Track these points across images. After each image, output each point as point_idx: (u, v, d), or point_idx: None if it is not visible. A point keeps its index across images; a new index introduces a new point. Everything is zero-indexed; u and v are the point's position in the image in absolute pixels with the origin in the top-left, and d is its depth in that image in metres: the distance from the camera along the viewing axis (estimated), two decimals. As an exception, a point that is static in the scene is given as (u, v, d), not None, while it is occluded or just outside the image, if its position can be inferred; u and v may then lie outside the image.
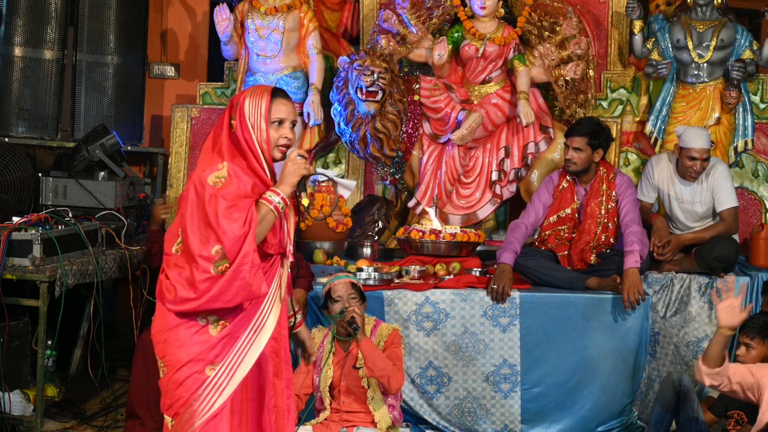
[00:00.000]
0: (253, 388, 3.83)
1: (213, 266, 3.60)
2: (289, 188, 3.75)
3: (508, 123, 7.03)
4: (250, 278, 3.61)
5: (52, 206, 6.29)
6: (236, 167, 3.70)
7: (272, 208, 3.70)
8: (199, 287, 3.62)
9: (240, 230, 3.60)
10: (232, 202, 3.63)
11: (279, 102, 3.81)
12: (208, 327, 3.71)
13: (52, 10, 7.13)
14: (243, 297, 3.65)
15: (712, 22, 6.93)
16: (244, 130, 3.74)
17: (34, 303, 5.63)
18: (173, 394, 3.72)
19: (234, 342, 3.71)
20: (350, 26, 7.89)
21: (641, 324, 5.94)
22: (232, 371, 3.70)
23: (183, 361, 3.69)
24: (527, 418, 5.93)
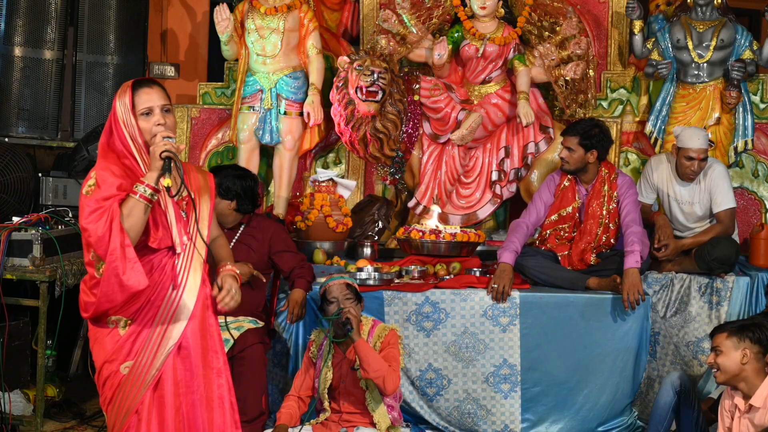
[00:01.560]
0: (183, 381, 3.86)
1: (96, 270, 3.69)
2: (155, 172, 3.72)
3: (508, 123, 7.03)
4: (123, 273, 3.65)
5: (52, 206, 6.29)
6: (103, 170, 3.72)
7: (138, 198, 3.70)
8: (94, 291, 3.72)
9: (104, 229, 3.63)
10: (98, 204, 3.67)
11: (142, 92, 3.81)
12: (117, 328, 3.78)
13: (52, 10, 7.14)
14: (123, 294, 3.69)
15: (712, 22, 6.94)
16: (118, 129, 3.78)
17: (34, 303, 5.64)
18: (101, 392, 3.86)
19: (143, 339, 3.78)
20: (350, 26, 7.89)
21: (641, 324, 5.94)
22: (146, 367, 3.78)
23: (101, 362, 3.81)
24: (527, 418, 5.93)
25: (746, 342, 4.80)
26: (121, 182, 3.72)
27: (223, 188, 5.68)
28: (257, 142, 7.13)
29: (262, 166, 7.37)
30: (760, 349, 4.81)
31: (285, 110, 7.06)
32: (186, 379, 3.86)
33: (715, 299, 6.06)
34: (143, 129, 3.78)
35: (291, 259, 5.71)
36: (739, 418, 4.83)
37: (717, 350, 4.86)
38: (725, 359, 4.82)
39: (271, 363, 5.96)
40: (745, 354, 4.78)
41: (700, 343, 6.01)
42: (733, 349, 4.81)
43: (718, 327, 5.00)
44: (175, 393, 3.83)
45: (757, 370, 4.78)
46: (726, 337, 4.84)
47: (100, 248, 3.64)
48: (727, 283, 6.07)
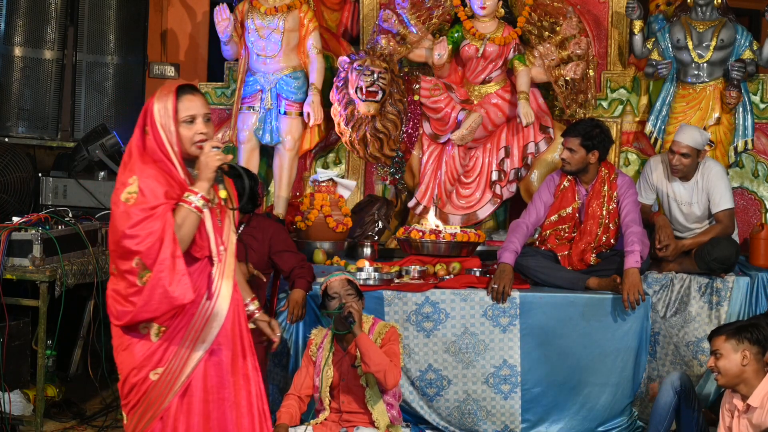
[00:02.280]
0: (214, 388, 3.84)
1: (138, 278, 3.61)
2: (207, 183, 3.70)
3: (508, 123, 7.03)
4: (170, 285, 3.60)
5: (52, 206, 6.29)
6: (147, 178, 3.64)
7: (192, 209, 3.66)
8: (132, 300, 3.64)
9: (155, 239, 3.57)
10: (146, 213, 3.59)
11: (186, 99, 3.76)
12: (150, 335, 3.73)
13: (52, 10, 7.14)
14: (167, 305, 3.64)
15: (712, 22, 6.94)
16: (156, 134, 3.69)
17: (34, 303, 5.63)
18: (126, 397, 3.79)
19: (173, 346, 3.73)
20: (350, 26, 7.89)
21: (641, 324, 5.94)
22: (176, 373, 3.74)
23: (129, 369, 3.75)
24: (527, 418, 5.93)
25: (745, 343, 4.80)
26: (167, 190, 3.66)
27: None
28: (257, 142, 7.14)
29: (262, 166, 7.37)
30: (759, 349, 4.81)
31: (285, 110, 7.07)
32: (217, 385, 3.83)
33: (715, 299, 6.06)
34: (183, 137, 3.71)
35: (291, 259, 5.71)
36: (738, 418, 4.83)
37: (717, 354, 4.86)
38: (726, 362, 4.82)
39: (271, 363, 5.96)
40: (745, 355, 4.78)
41: (700, 343, 6.01)
42: (732, 351, 4.81)
43: (716, 330, 4.99)
44: (205, 399, 3.80)
45: (756, 371, 4.78)
46: (724, 340, 4.84)
47: (148, 257, 3.58)
48: (727, 283, 6.07)
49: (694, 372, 5.98)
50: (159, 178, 3.65)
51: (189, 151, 3.73)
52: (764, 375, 4.78)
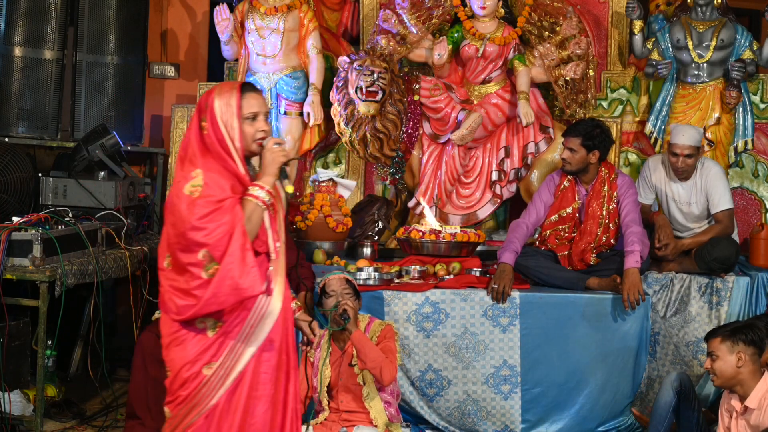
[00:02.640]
0: (258, 384, 3.83)
1: (204, 271, 3.62)
2: (272, 178, 3.75)
3: (508, 123, 7.03)
4: (240, 277, 3.62)
5: (52, 206, 6.29)
6: (211, 172, 3.68)
7: (259, 203, 3.71)
8: (196, 294, 3.64)
9: (225, 231, 3.60)
10: (214, 206, 3.62)
11: (250, 96, 3.78)
12: (206, 330, 3.73)
13: (52, 10, 7.13)
14: (236, 297, 3.66)
15: (712, 22, 6.94)
16: (216, 130, 3.71)
17: (34, 303, 5.63)
18: (173, 392, 3.79)
19: (229, 341, 3.74)
20: (350, 26, 7.89)
21: (641, 324, 5.94)
22: (228, 369, 3.74)
23: (181, 364, 3.74)
24: (527, 418, 5.93)
25: (740, 345, 4.81)
26: (232, 183, 3.70)
27: None
28: (257, 142, 7.13)
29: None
30: (755, 350, 4.82)
31: (285, 110, 7.08)
32: (262, 382, 3.84)
33: (715, 299, 6.06)
34: (246, 133, 3.73)
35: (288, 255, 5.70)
36: (736, 419, 4.84)
37: (712, 355, 4.87)
38: (721, 364, 4.83)
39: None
40: (740, 357, 4.79)
41: (700, 343, 6.00)
42: (728, 353, 4.82)
43: (712, 332, 5.01)
44: (249, 395, 3.80)
45: (752, 372, 4.79)
46: (720, 342, 4.86)
47: (217, 250, 3.60)
48: (727, 283, 6.07)
49: (694, 372, 5.98)
50: (222, 172, 3.69)
51: (250, 147, 3.77)
52: (761, 376, 4.79)
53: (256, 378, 3.81)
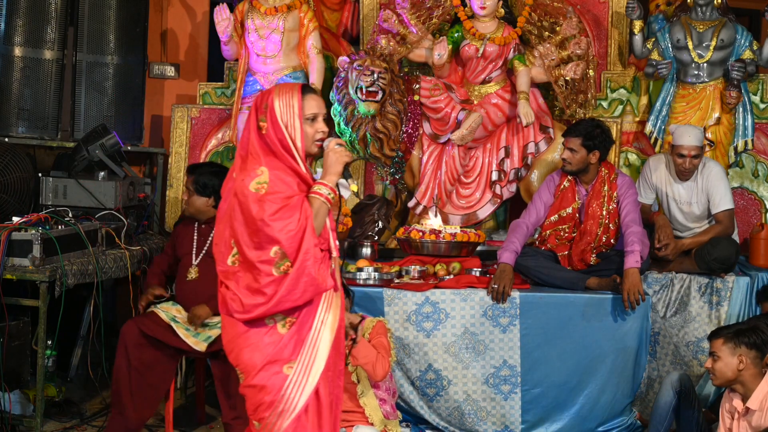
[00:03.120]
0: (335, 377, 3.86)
1: (275, 268, 3.62)
2: (335, 177, 3.80)
3: (508, 123, 7.03)
4: (315, 273, 3.64)
5: (52, 206, 6.28)
6: (276, 169, 3.70)
7: (324, 200, 3.74)
8: (266, 291, 3.63)
9: (297, 227, 3.62)
10: (283, 202, 3.64)
11: (310, 98, 3.81)
12: (276, 326, 3.72)
13: (52, 10, 7.13)
14: (311, 293, 3.68)
15: (712, 22, 6.94)
16: (277, 130, 3.74)
17: (34, 303, 5.63)
18: (255, 399, 3.74)
19: (304, 337, 3.72)
20: (350, 26, 7.89)
21: (641, 324, 5.94)
22: (309, 366, 3.72)
23: (259, 365, 3.70)
24: (527, 419, 5.93)
25: (742, 348, 4.81)
26: (298, 181, 3.74)
27: (200, 185, 5.73)
28: (257, 142, 7.13)
29: (262, 166, 7.36)
30: (757, 354, 4.81)
31: (285, 110, 7.06)
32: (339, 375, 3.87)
33: (715, 299, 6.06)
34: (306, 134, 3.77)
35: None
36: (738, 421, 4.84)
37: (714, 356, 4.87)
38: (722, 365, 4.83)
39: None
40: (741, 360, 4.79)
41: (700, 343, 6.01)
42: (729, 355, 4.82)
43: (715, 332, 5.00)
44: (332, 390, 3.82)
45: (754, 375, 4.79)
46: (722, 343, 4.86)
47: (290, 246, 3.61)
48: (727, 283, 6.07)
49: (694, 372, 5.98)
50: (285, 170, 3.73)
51: (309, 149, 3.81)
52: (762, 377, 4.79)
53: (336, 371, 3.83)
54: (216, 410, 6.17)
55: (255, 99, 3.86)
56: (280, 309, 3.66)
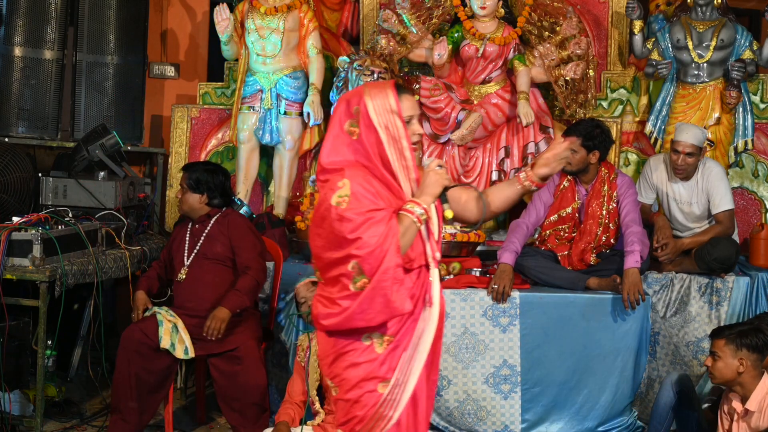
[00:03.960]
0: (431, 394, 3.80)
1: (351, 283, 3.47)
2: (431, 199, 3.62)
3: (508, 123, 7.03)
4: (392, 295, 3.48)
5: (52, 206, 6.28)
6: (359, 182, 3.52)
7: (415, 220, 3.56)
8: (340, 303, 3.52)
9: (378, 244, 3.45)
10: (365, 216, 3.46)
11: (405, 98, 3.65)
12: (374, 345, 3.61)
13: (52, 10, 7.13)
14: (386, 315, 3.53)
15: (712, 22, 6.93)
16: (371, 134, 3.58)
17: (34, 303, 5.63)
18: (348, 412, 3.66)
19: (400, 355, 3.62)
20: (350, 26, 7.89)
21: (641, 324, 5.95)
22: (403, 384, 3.62)
23: (354, 381, 3.62)
24: (527, 418, 5.94)
25: (743, 351, 4.80)
26: (388, 194, 3.58)
27: (194, 181, 5.73)
28: (257, 142, 7.15)
29: (262, 166, 7.37)
30: (758, 356, 4.81)
31: (285, 110, 7.07)
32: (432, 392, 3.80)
33: (715, 299, 6.06)
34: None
35: (243, 255, 5.71)
36: (737, 422, 4.84)
37: (715, 355, 4.87)
38: (722, 365, 4.83)
39: (270, 363, 5.97)
40: (741, 363, 4.78)
41: (700, 343, 6.01)
42: (730, 356, 4.82)
43: (718, 331, 5.00)
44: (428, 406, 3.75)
45: (753, 376, 4.79)
46: (724, 344, 4.85)
47: (368, 263, 3.44)
48: (727, 283, 6.07)
49: (694, 372, 5.98)
50: (371, 182, 3.55)
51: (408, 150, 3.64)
52: (761, 378, 4.79)
53: (431, 388, 3.75)
54: (215, 410, 6.18)
55: (336, 107, 3.67)
56: (353, 325, 3.53)
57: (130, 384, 5.48)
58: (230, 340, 5.49)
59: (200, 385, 6.21)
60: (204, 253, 5.71)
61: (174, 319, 5.56)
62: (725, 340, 4.86)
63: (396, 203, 3.60)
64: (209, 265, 5.70)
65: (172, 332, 5.50)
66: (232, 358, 5.47)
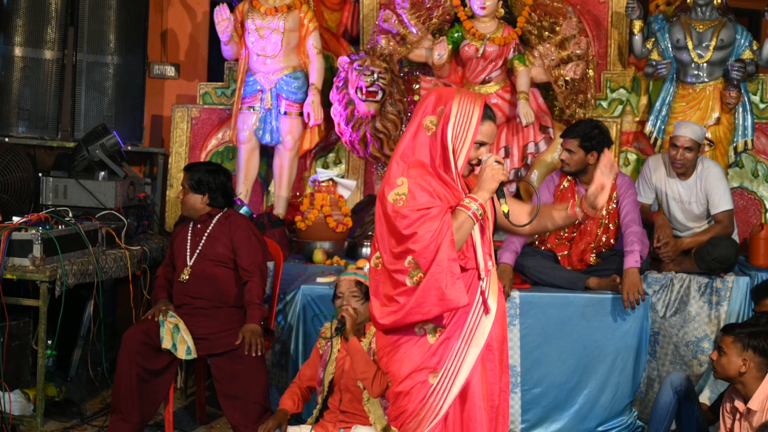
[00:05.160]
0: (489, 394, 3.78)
1: (408, 278, 3.54)
2: (488, 194, 3.66)
3: (507, 123, 7.03)
4: (447, 287, 3.51)
5: (52, 206, 6.28)
6: (417, 181, 3.59)
7: (470, 215, 3.62)
8: (399, 300, 3.57)
9: (433, 239, 3.51)
10: (420, 213, 3.53)
11: (487, 124, 3.70)
12: (426, 336, 3.66)
13: (52, 10, 7.13)
14: (441, 308, 3.56)
15: (712, 22, 6.94)
16: (444, 137, 3.63)
17: (35, 303, 5.63)
18: (398, 405, 3.70)
19: (451, 347, 3.65)
20: (350, 26, 7.89)
21: (641, 324, 5.95)
22: (453, 376, 3.65)
23: (405, 373, 3.66)
24: (527, 418, 5.94)
25: (749, 352, 4.79)
26: (446, 190, 3.63)
27: (195, 182, 5.72)
28: (257, 142, 7.15)
29: (263, 166, 7.37)
30: (763, 360, 4.80)
31: (285, 110, 7.08)
32: (490, 393, 3.78)
33: (714, 299, 6.07)
34: (470, 156, 3.68)
35: (245, 259, 5.70)
36: (739, 421, 4.84)
37: (721, 350, 4.87)
38: (726, 362, 4.83)
39: (269, 363, 5.96)
40: (745, 363, 4.78)
41: (700, 342, 6.01)
42: (735, 354, 4.81)
43: (729, 328, 4.98)
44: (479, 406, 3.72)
45: (756, 377, 4.79)
46: (732, 342, 4.84)
47: (423, 257, 3.50)
48: (726, 282, 6.07)
49: (694, 372, 5.99)
50: (430, 181, 3.61)
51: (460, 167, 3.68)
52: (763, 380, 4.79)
53: (487, 388, 3.74)
54: (216, 409, 6.18)
55: (426, 97, 3.72)
56: (410, 320, 3.58)
57: (131, 384, 5.48)
58: (232, 339, 5.49)
59: (200, 385, 6.21)
60: (206, 254, 5.71)
61: (175, 320, 5.56)
62: (734, 338, 4.85)
63: (454, 202, 3.65)
64: (211, 265, 5.70)
65: (174, 332, 5.51)
66: (234, 357, 5.48)
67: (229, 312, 5.65)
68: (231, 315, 5.65)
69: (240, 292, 5.70)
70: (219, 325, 5.59)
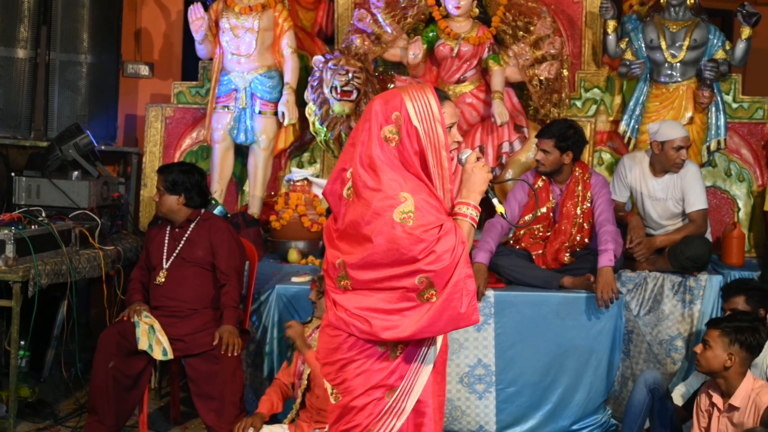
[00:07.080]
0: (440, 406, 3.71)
1: (418, 296, 3.33)
2: (479, 195, 3.52)
3: (482, 122, 7.05)
4: (464, 307, 3.35)
5: (25, 206, 6.24)
6: (421, 196, 3.36)
7: (471, 222, 3.46)
8: (405, 314, 3.37)
9: (449, 259, 3.31)
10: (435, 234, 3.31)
11: (447, 105, 3.51)
12: (388, 353, 3.49)
13: (24, 9, 7.09)
14: (453, 327, 3.39)
15: (685, 22, 6.98)
16: (412, 141, 3.42)
17: (7, 303, 5.59)
18: (350, 419, 3.54)
19: (408, 364, 3.51)
20: (325, 25, 7.88)
21: (615, 323, 5.97)
22: (407, 393, 3.52)
23: (362, 389, 3.50)
24: (502, 418, 5.95)
25: (735, 346, 4.80)
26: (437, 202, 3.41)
27: (170, 183, 5.71)
28: (232, 141, 7.13)
29: (237, 166, 7.35)
30: (748, 356, 4.82)
31: (260, 110, 7.06)
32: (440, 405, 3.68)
33: (688, 298, 6.10)
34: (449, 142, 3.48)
35: (223, 263, 5.71)
36: (717, 417, 4.86)
37: (707, 344, 4.88)
38: (711, 355, 4.84)
39: (245, 363, 5.95)
40: (731, 357, 4.80)
41: (673, 341, 6.04)
42: (721, 349, 4.82)
43: (715, 321, 5.01)
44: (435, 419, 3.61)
45: (738, 373, 4.81)
46: (718, 336, 4.85)
47: (440, 277, 3.31)
48: (699, 281, 6.11)
49: (668, 370, 6.02)
50: (430, 193, 3.42)
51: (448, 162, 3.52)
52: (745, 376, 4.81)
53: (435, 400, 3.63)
54: (190, 410, 6.16)
55: (369, 109, 3.44)
56: (418, 337, 3.41)
57: (107, 385, 5.46)
58: (208, 340, 5.48)
59: (175, 386, 6.19)
60: (183, 257, 5.70)
61: (150, 320, 5.55)
62: (720, 332, 4.86)
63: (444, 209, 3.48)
64: (189, 268, 5.69)
65: (149, 333, 5.49)
66: (210, 357, 5.47)
67: (205, 314, 5.65)
68: (207, 316, 5.64)
69: (216, 295, 5.69)
70: (195, 327, 5.58)
